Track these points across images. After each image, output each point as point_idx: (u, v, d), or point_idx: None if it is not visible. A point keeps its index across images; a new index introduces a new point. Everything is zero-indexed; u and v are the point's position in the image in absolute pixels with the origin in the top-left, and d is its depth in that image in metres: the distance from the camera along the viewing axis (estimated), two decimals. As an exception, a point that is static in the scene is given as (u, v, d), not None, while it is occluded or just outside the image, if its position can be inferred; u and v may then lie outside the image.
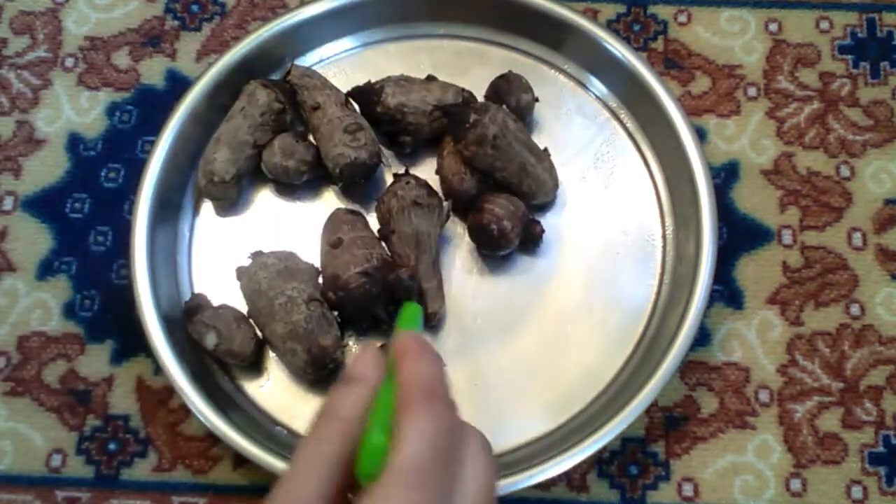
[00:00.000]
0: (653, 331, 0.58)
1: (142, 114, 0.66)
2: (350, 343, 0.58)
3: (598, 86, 0.64)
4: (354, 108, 0.61)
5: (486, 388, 0.57)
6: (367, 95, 0.61)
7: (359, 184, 0.59)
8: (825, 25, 0.67)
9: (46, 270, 0.62)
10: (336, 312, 0.56)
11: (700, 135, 0.62)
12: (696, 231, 0.58)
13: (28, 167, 0.64)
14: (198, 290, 0.59)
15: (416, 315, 0.45)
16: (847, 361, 0.59)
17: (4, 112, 0.66)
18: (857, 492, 0.56)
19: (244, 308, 0.57)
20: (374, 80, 0.61)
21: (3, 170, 0.64)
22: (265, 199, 0.62)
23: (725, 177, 0.63)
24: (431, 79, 0.62)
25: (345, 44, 0.66)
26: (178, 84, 0.66)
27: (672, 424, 0.57)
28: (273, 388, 0.57)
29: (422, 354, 0.39)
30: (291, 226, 0.61)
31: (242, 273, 0.57)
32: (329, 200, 0.62)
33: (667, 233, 0.61)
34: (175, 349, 0.55)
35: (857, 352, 0.59)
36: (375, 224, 0.59)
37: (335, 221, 0.58)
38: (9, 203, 0.63)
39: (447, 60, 0.65)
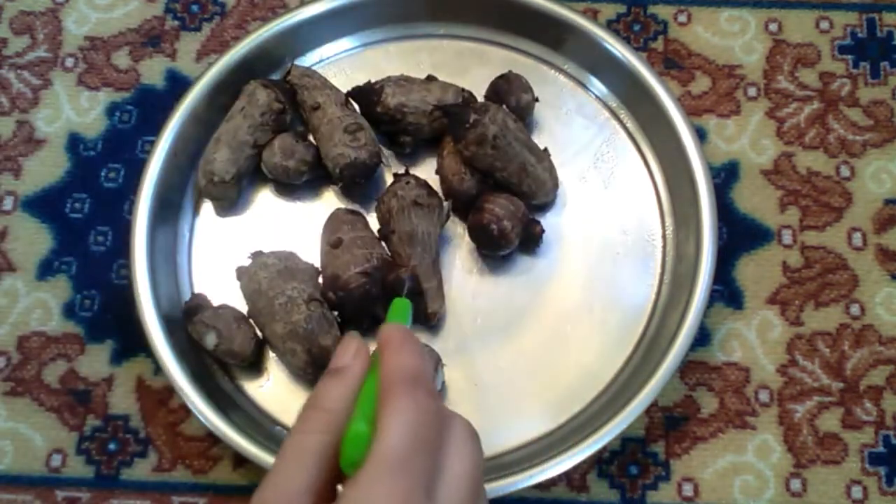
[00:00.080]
0: (653, 331, 0.58)
1: (142, 114, 0.66)
2: (350, 343, 0.58)
3: (598, 86, 0.64)
4: (354, 108, 0.61)
5: (486, 388, 0.57)
6: (367, 95, 0.61)
7: (359, 184, 0.59)
8: (825, 25, 0.67)
9: (46, 270, 0.62)
10: (336, 312, 0.56)
11: (700, 135, 0.62)
12: (696, 231, 0.57)
13: (28, 167, 0.64)
14: (198, 290, 0.59)
15: (405, 310, 0.45)
16: (847, 361, 0.59)
17: (4, 112, 0.66)
18: (857, 492, 0.56)
19: (244, 308, 0.57)
20: (374, 80, 0.61)
21: (3, 170, 0.64)
22: (265, 199, 0.62)
23: (725, 177, 0.63)
24: (431, 79, 0.62)
25: (345, 44, 0.66)
26: (178, 84, 0.66)
27: (672, 424, 0.57)
28: (273, 388, 0.57)
29: (404, 345, 0.39)
30: (291, 226, 0.61)
31: (242, 273, 0.57)
32: (329, 200, 0.62)
33: (667, 233, 0.61)
34: (175, 349, 0.55)
35: (857, 352, 0.59)
36: (375, 224, 0.59)
37: (335, 221, 0.58)
38: (9, 203, 0.63)
39: (447, 60, 0.65)
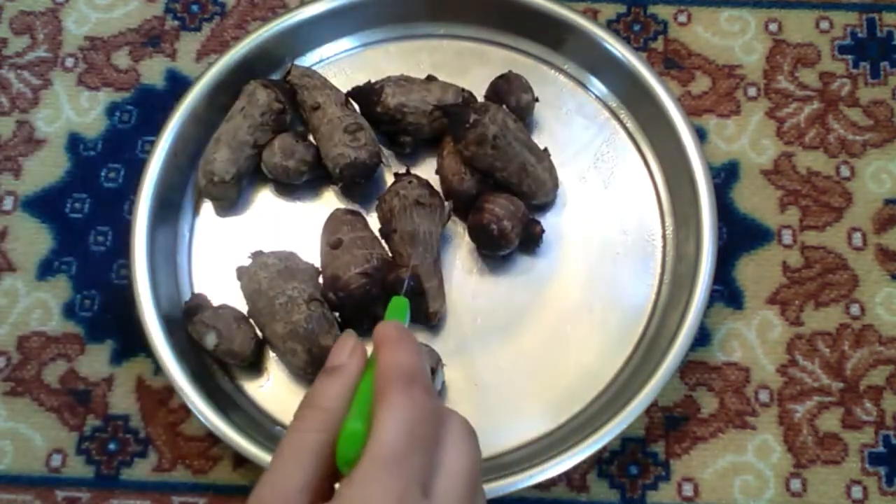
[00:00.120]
0: (653, 331, 0.58)
1: (142, 114, 0.66)
2: (350, 343, 0.58)
3: (598, 86, 0.64)
4: (354, 108, 0.61)
5: (486, 388, 0.57)
6: (367, 95, 0.61)
7: (359, 184, 0.59)
8: (825, 25, 0.67)
9: (46, 270, 0.62)
10: (336, 313, 0.56)
11: (700, 135, 0.62)
12: (696, 231, 0.57)
13: (28, 167, 0.64)
14: (198, 290, 0.59)
15: (403, 308, 0.45)
16: (847, 361, 0.59)
17: (4, 112, 0.66)
18: (857, 492, 0.56)
19: (244, 308, 0.57)
20: (374, 80, 0.61)
21: (3, 170, 0.64)
22: (265, 199, 0.62)
23: (725, 177, 0.63)
24: (431, 79, 0.62)
25: (345, 44, 0.66)
26: (178, 84, 0.66)
27: (672, 424, 0.57)
28: (273, 388, 0.57)
29: (401, 342, 0.39)
30: (291, 226, 0.61)
31: (242, 273, 0.57)
32: (329, 200, 0.62)
33: (667, 233, 0.61)
34: (175, 349, 0.55)
35: (857, 352, 0.59)
36: (375, 224, 0.59)
37: (335, 222, 0.58)
38: (9, 203, 0.63)
39: (447, 60, 0.65)
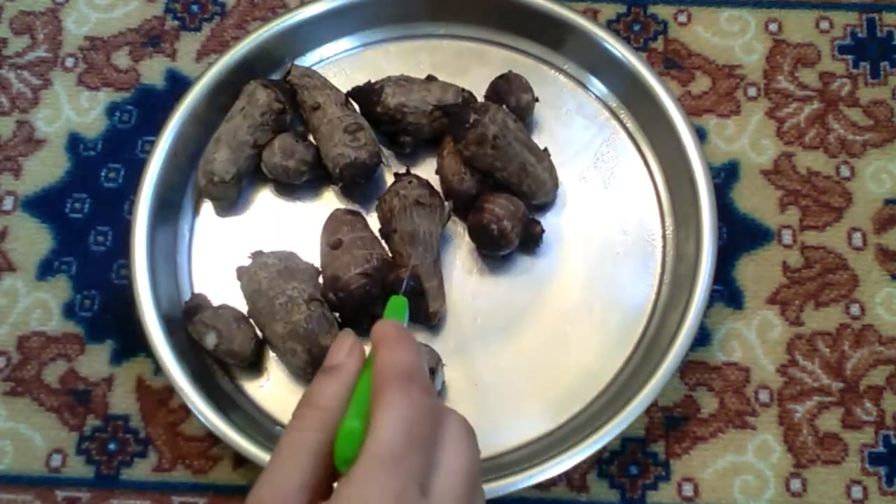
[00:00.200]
0: (653, 331, 0.58)
1: (142, 114, 0.66)
2: (350, 343, 0.58)
3: (598, 86, 0.64)
4: (354, 108, 0.61)
5: (486, 388, 0.57)
6: (367, 95, 0.60)
7: (359, 184, 0.59)
8: (825, 25, 0.67)
9: (46, 270, 0.62)
10: (336, 313, 0.56)
11: (700, 135, 0.62)
12: (696, 231, 0.57)
13: (28, 167, 0.64)
14: (198, 290, 0.59)
15: (402, 307, 0.45)
16: (847, 361, 0.59)
17: (4, 112, 0.66)
18: (857, 492, 0.56)
19: (244, 308, 0.57)
20: (374, 80, 0.61)
21: (3, 170, 0.64)
22: (265, 199, 0.62)
23: (725, 177, 0.63)
24: (431, 79, 0.62)
25: (345, 44, 0.66)
26: (178, 84, 0.66)
27: (672, 424, 0.57)
28: (273, 388, 0.57)
29: (399, 341, 0.38)
30: (291, 226, 0.61)
31: (242, 273, 0.57)
32: (329, 200, 0.62)
33: (667, 233, 0.61)
34: (175, 349, 0.55)
35: (857, 352, 0.59)
36: (375, 224, 0.59)
37: (335, 222, 0.58)
38: (9, 203, 0.63)
39: (447, 60, 0.65)
